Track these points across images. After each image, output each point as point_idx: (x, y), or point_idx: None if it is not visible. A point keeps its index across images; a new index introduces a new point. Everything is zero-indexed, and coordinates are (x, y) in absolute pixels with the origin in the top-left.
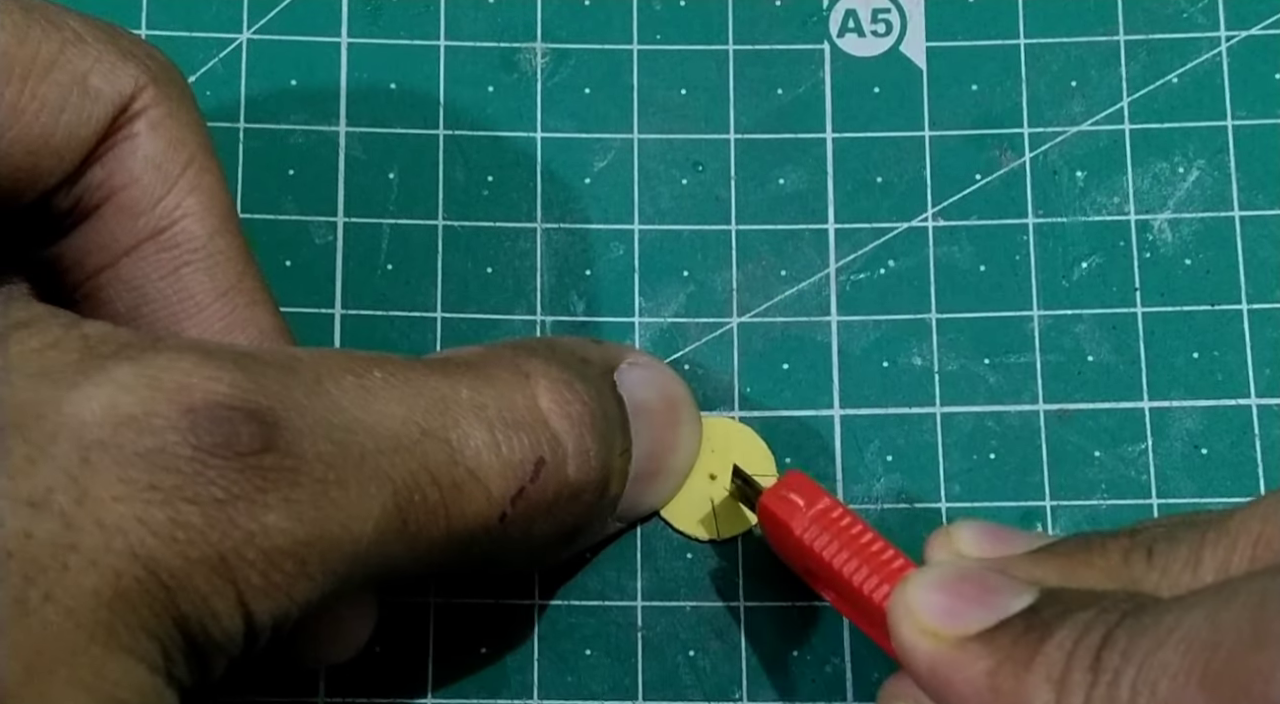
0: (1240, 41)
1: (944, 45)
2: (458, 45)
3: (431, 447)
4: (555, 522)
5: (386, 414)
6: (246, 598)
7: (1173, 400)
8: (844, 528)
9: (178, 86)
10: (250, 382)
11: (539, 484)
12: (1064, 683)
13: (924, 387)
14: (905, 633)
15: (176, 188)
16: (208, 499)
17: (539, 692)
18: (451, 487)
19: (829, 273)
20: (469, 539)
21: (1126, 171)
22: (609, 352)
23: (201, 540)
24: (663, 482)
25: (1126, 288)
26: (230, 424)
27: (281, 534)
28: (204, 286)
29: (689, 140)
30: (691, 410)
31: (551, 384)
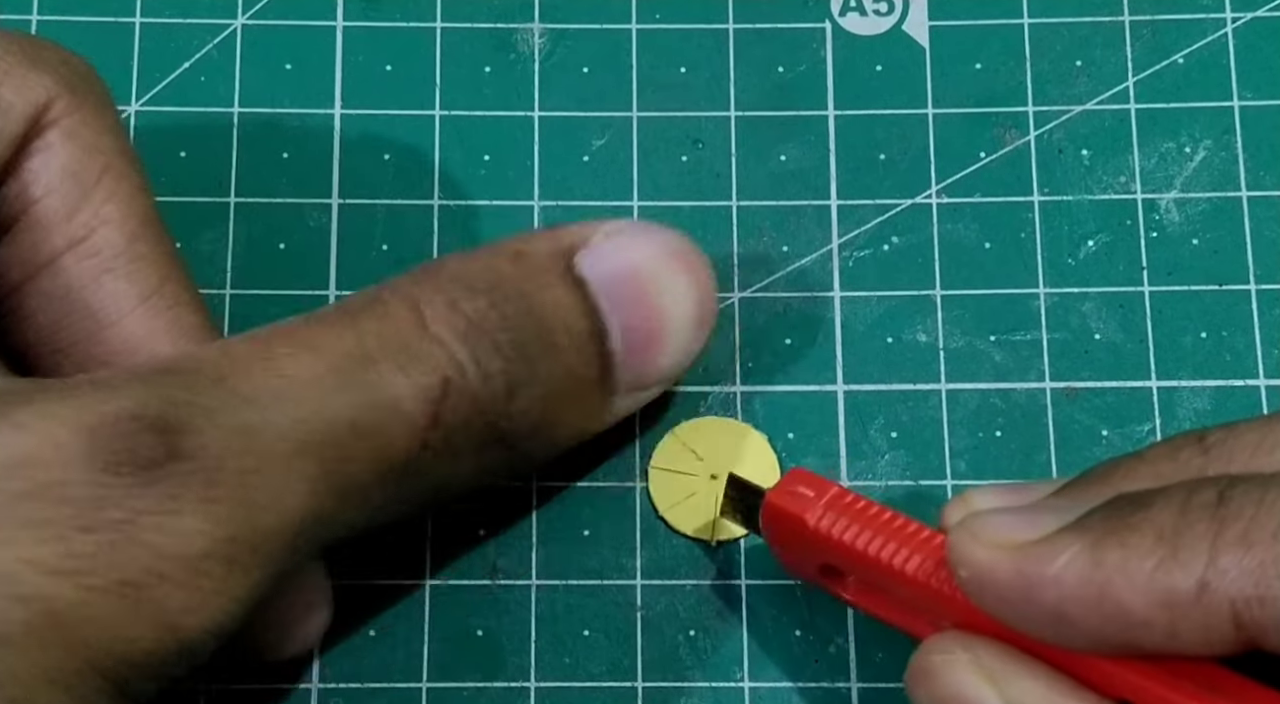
0: (1246, 23)
1: (947, 24)
2: (454, 27)
3: (347, 398)
4: (477, 434)
5: (299, 382)
6: (171, 616)
7: (1180, 380)
8: (860, 511)
9: (94, 92)
10: (152, 393)
11: (450, 403)
12: (1180, 536)
13: (928, 363)
14: (981, 555)
15: (94, 196)
16: (106, 524)
17: (536, 673)
18: (372, 430)
19: (832, 249)
20: (398, 474)
21: (1132, 151)
22: (565, 235)
23: (102, 568)
24: (666, 345)
25: (1133, 267)
26: (131, 438)
27: (201, 537)
28: (126, 293)
29: (689, 118)
30: (686, 261)
31: (435, 309)
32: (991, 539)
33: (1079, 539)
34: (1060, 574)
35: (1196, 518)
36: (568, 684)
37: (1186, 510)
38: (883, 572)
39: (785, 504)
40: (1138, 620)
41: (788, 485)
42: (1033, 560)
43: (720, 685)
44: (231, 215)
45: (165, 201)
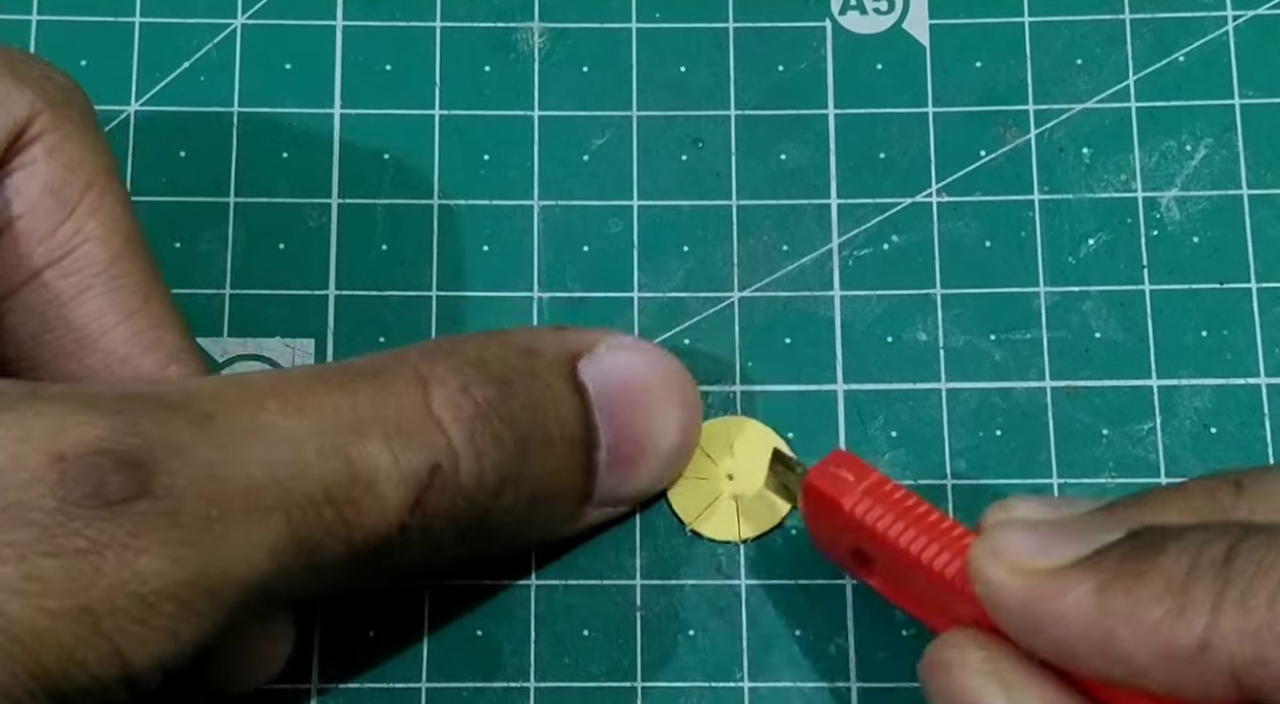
0: (1247, 21)
1: (947, 23)
2: (454, 26)
3: (327, 467)
4: (459, 525)
5: (281, 440)
6: (121, 647)
7: (1181, 379)
8: (897, 501)
9: (77, 108)
10: (128, 425)
11: (435, 491)
12: (1186, 591)
13: (929, 362)
14: (995, 575)
15: (76, 213)
16: (70, 550)
17: (536, 673)
18: (348, 503)
19: (832, 248)
20: (372, 550)
21: (1133, 149)
22: (573, 338)
23: (62, 592)
24: (647, 466)
25: (1134, 265)
26: (99, 472)
27: (158, 577)
28: (107, 311)
29: (689, 117)
30: (680, 390)
31: (444, 389)
32: (1009, 560)
33: (1090, 578)
34: (1068, 611)
35: (1203, 573)
36: (567, 684)
37: (1196, 565)
38: (911, 564)
39: (825, 486)
40: (1138, 669)
41: (829, 467)
42: (1044, 591)
43: (720, 685)
44: (231, 215)
45: (164, 201)
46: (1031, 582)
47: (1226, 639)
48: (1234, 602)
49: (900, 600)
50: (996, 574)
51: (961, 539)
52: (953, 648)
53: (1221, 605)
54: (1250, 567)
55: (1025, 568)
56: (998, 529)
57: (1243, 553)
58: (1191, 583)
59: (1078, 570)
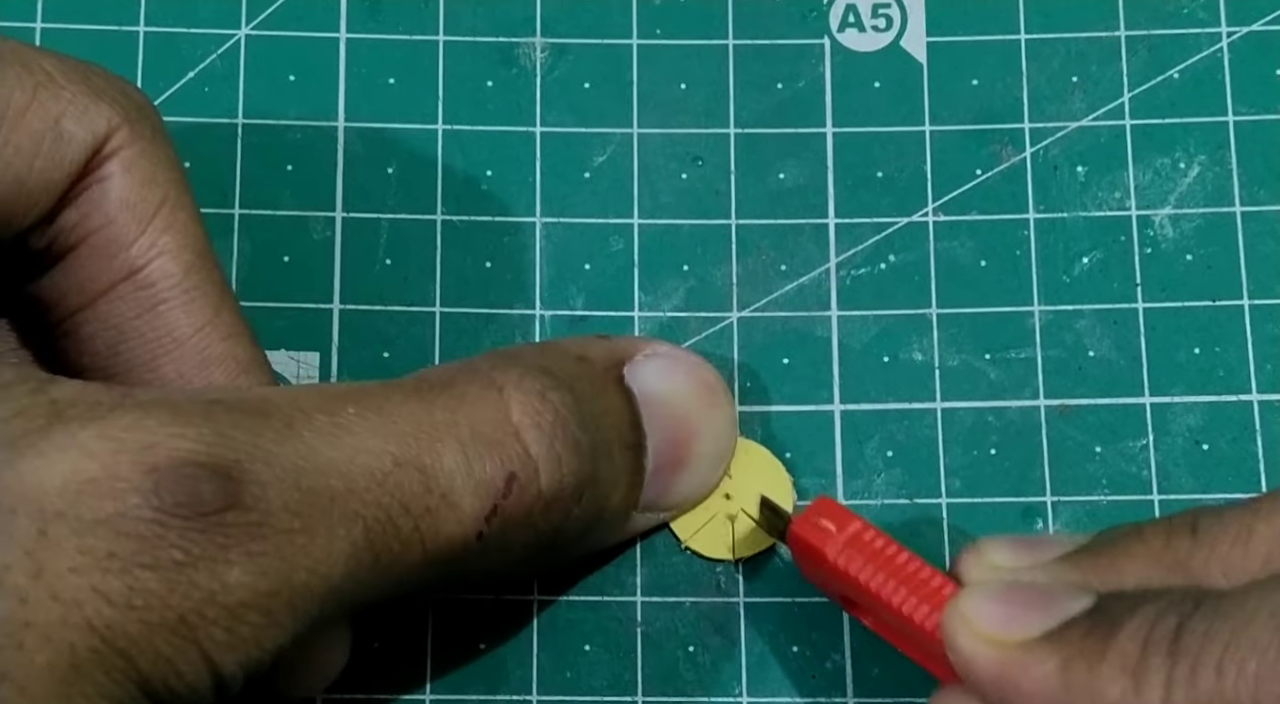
0: (1241, 37)
1: (944, 40)
2: (456, 40)
3: (404, 476)
4: (535, 532)
5: (359, 449)
6: (211, 654)
7: (1174, 396)
8: (879, 550)
9: (150, 123)
10: (216, 435)
11: (512, 499)
12: (1141, 669)
13: (924, 382)
14: (965, 644)
15: (151, 227)
16: (167, 562)
17: (538, 687)
18: (424, 513)
19: (829, 268)
20: (446, 560)
21: (1127, 167)
22: (618, 345)
23: (160, 605)
24: (692, 470)
25: (1127, 283)
26: (193, 482)
27: (245, 589)
28: (180, 323)
29: (689, 135)
30: (720, 395)
31: (523, 395)
32: (978, 631)
33: (1053, 655)
34: (1032, 687)
35: (1155, 650)
36: (569, 698)
37: (1149, 643)
38: (893, 616)
39: (808, 536)
40: None
41: (813, 516)
42: (1011, 666)
43: (719, 700)
44: (235, 227)
45: None
46: (1000, 656)
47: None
48: (1183, 677)
49: (892, 640)
50: (967, 644)
51: (941, 591)
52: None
53: (1173, 681)
54: (1196, 641)
55: (994, 639)
56: (968, 595)
57: (1189, 627)
58: (1145, 660)
59: (1043, 645)
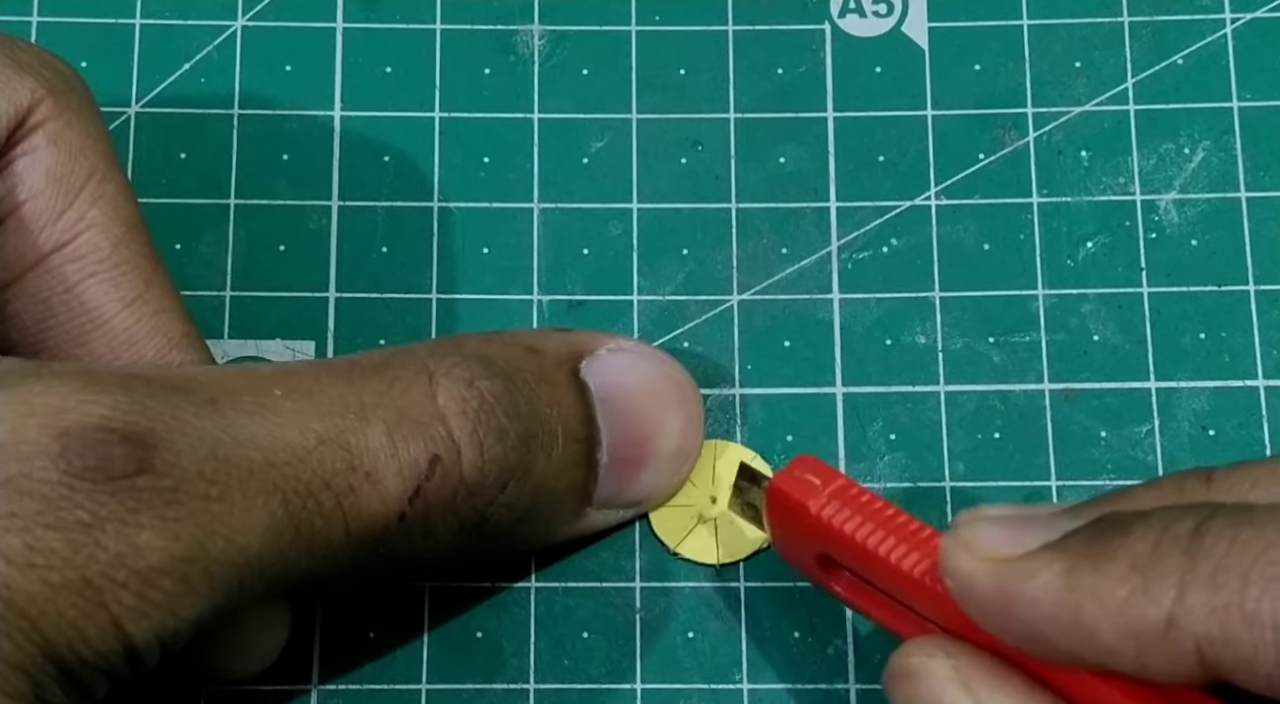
0: (1245, 24)
1: (946, 26)
2: (454, 29)
3: (327, 453)
4: (459, 517)
5: (281, 425)
6: (121, 620)
7: (1179, 381)
8: (864, 503)
9: (77, 95)
10: (132, 403)
11: (435, 482)
12: (1151, 566)
13: (927, 365)
14: (964, 564)
15: (79, 200)
16: (72, 523)
17: (536, 675)
18: (347, 490)
19: (830, 251)
20: (371, 540)
21: (1131, 152)
22: (576, 339)
23: (64, 565)
24: (651, 468)
25: (1132, 268)
26: (104, 446)
27: (156, 552)
28: (110, 297)
29: (688, 120)
30: (682, 393)
31: (451, 382)
32: (978, 550)
33: (1057, 560)
34: (1037, 594)
35: (1170, 550)
36: (567, 686)
37: (1162, 541)
38: (879, 567)
39: (790, 489)
40: (1106, 648)
41: (795, 470)
42: (1013, 577)
43: (719, 687)
44: (231, 217)
45: (165, 203)
46: (1001, 568)
47: (1193, 617)
48: (1202, 579)
49: (866, 606)
50: (966, 564)
51: (930, 540)
52: (918, 655)
53: (1188, 583)
54: (1221, 544)
55: (995, 556)
56: (967, 525)
57: (1212, 530)
58: (1157, 560)
59: (1046, 553)
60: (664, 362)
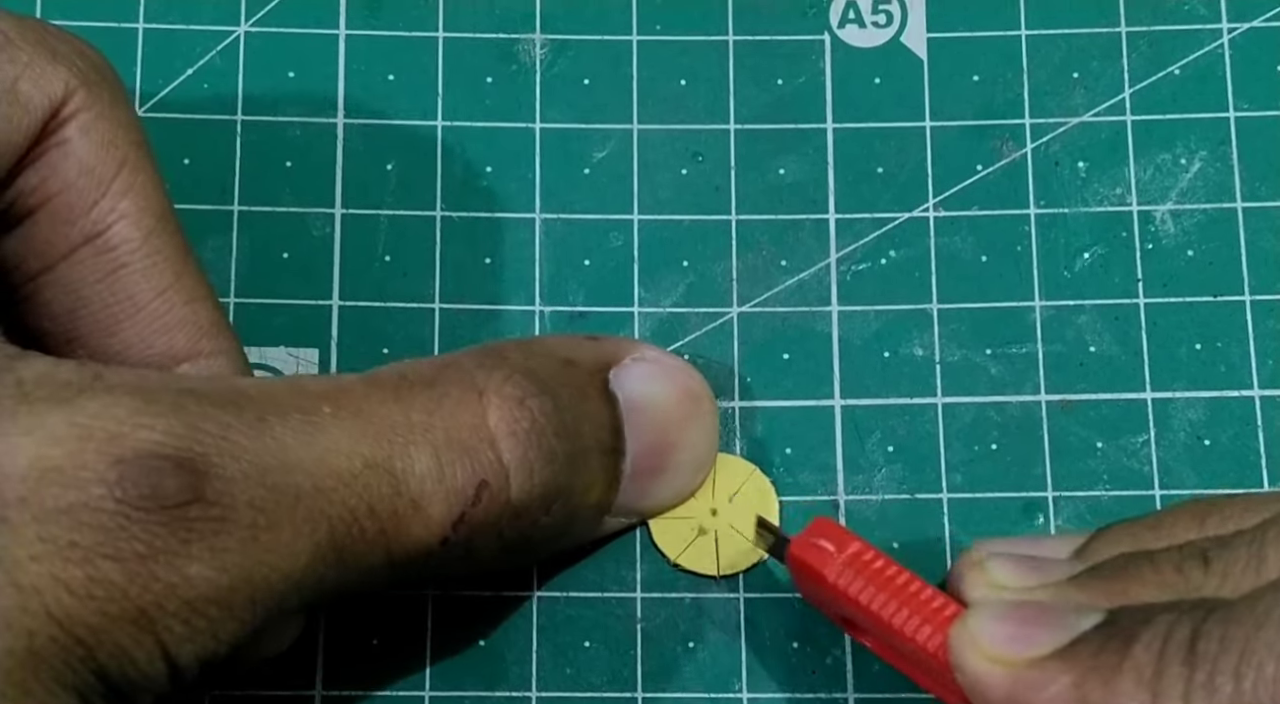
0: (1242, 34)
1: (945, 36)
2: (456, 37)
3: (373, 479)
4: (502, 540)
5: (330, 449)
6: (168, 645)
7: (1175, 391)
8: (879, 571)
9: (109, 86)
10: (185, 427)
11: (481, 508)
12: (1158, 680)
13: (925, 377)
14: (974, 664)
15: (111, 191)
16: (129, 554)
17: (537, 683)
18: (391, 517)
19: (829, 263)
20: (409, 563)
21: (1128, 163)
22: (606, 348)
23: (121, 596)
24: (669, 478)
25: (1129, 279)
26: (158, 475)
27: (206, 583)
28: (141, 287)
29: (689, 131)
30: (704, 405)
31: (503, 401)
32: (987, 652)
33: (1067, 672)
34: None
35: (1170, 661)
36: (569, 694)
37: (1164, 653)
38: (895, 637)
39: (807, 557)
40: None
41: (811, 536)
42: (1023, 686)
43: (719, 696)
44: (235, 224)
45: None
46: (1011, 675)
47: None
48: (1201, 685)
49: (892, 661)
50: (977, 664)
51: (943, 611)
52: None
53: (1191, 690)
54: (1213, 647)
55: (1003, 659)
56: (974, 614)
57: (1204, 634)
58: (1162, 672)
59: (1055, 662)
60: (685, 371)
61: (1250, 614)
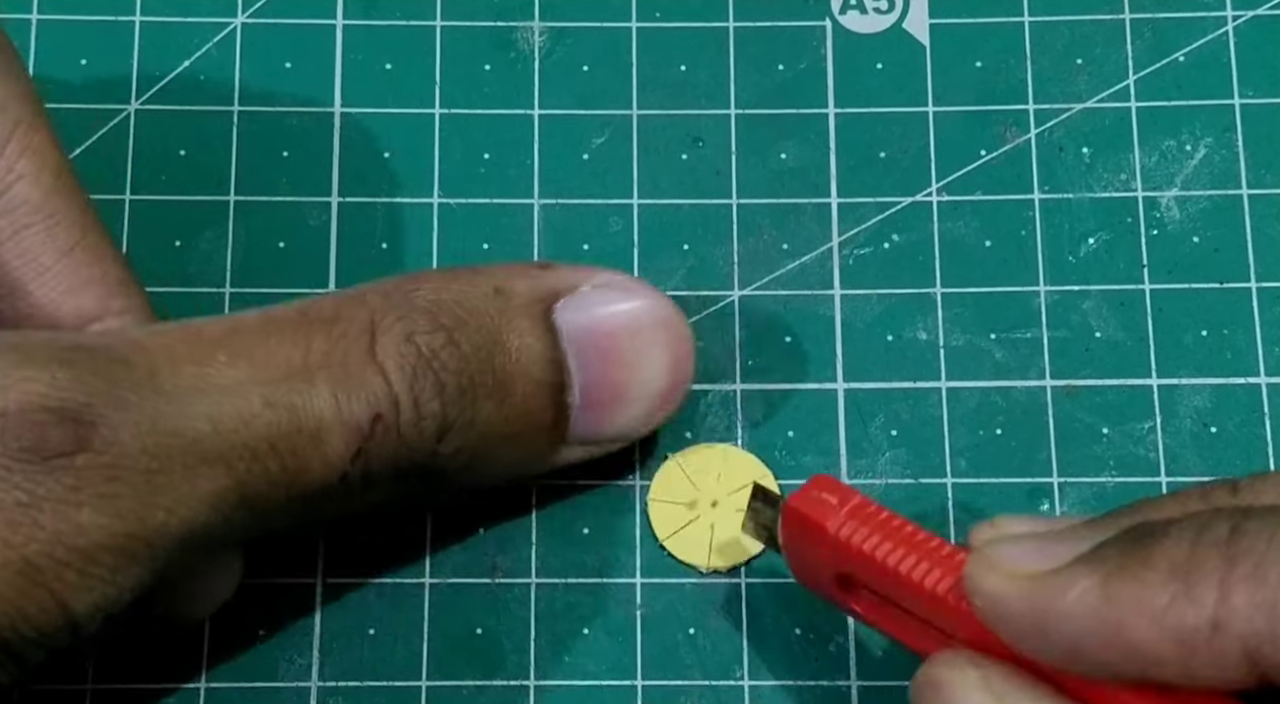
0: (1247, 21)
1: (947, 22)
2: (454, 25)
3: (272, 416)
4: (397, 470)
5: (226, 391)
6: (63, 596)
7: (1181, 378)
8: (883, 522)
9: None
10: (71, 380)
11: (376, 441)
12: (1192, 572)
13: (929, 361)
14: (994, 584)
15: (6, 151)
16: (10, 503)
17: (536, 672)
18: (291, 453)
19: (832, 247)
20: (313, 498)
21: (1133, 149)
22: (554, 277)
23: (3, 546)
24: (627, 408)
25: (1134, 265)
26: (42, 427)
27: (98, 530)
28: (46, 248)
29: (689, 116)
30: (669, 331)
31: (390, 338)
32: (1007, 569)
33: (1093, 572)
34: (1073, 608)
35: (1208, 553)
36: (568, 683)
37: (1198, 545)
38: (901, 584)
39: (808, 510)
40: (1150, 656)
41: (811, 491)
42: (1046, 593)
43: (720, 684)
44: (231, 214)
45: (165, 200)
46: (1033, 585)
47: (1238, 617)
48: (1244, 577)
49: (887, 626)
50: (995, 583)
51: (952, 557)
52: (946, 667)
53: (1230, 582)
54: (1260, 542)
55: (1024, 573)
56: (991, 544)
57: (1249, 530)
58: (1197, 563)
59: (1080, 566)
60: (650, 297)
61: None
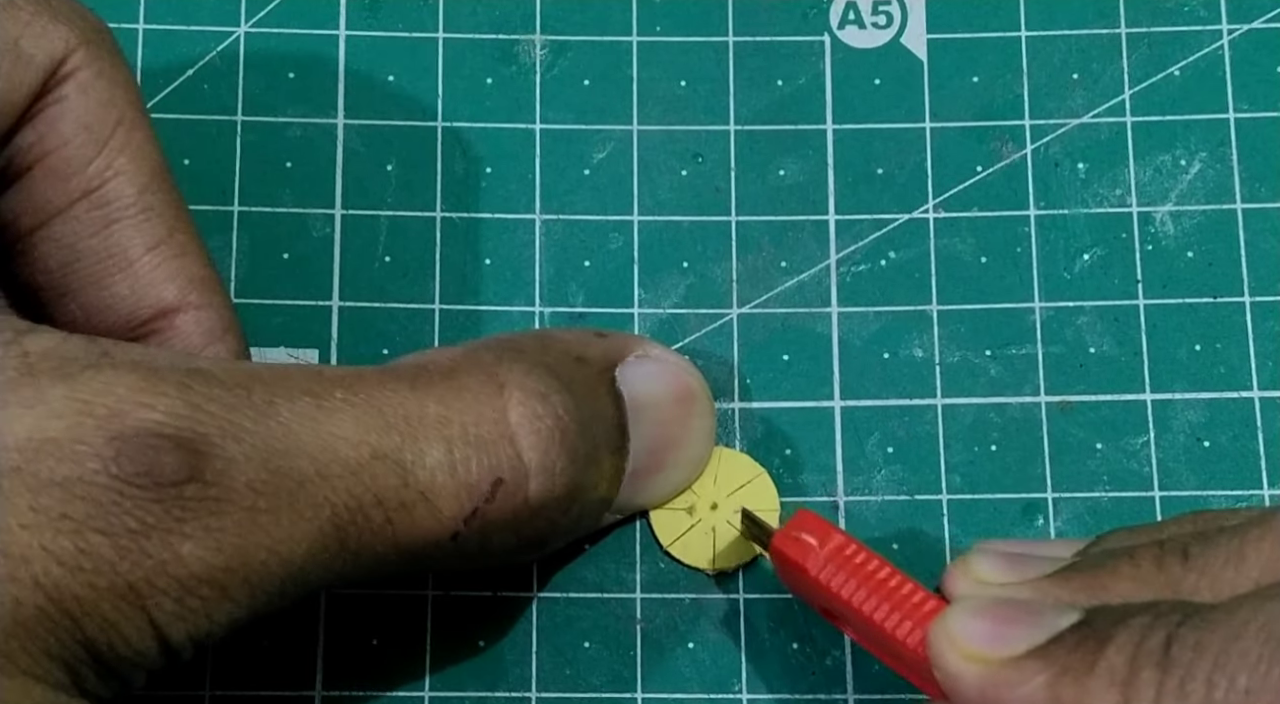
0: (1242, 35)
1: (945, 37)
2: (456, 38)
3: (380, 469)
4: (517, 536)
5: (336, 436)
6: (159, 623)
7: (1175, 393)
8: (860, 565)
9: (107, 46)
10: (188, 407)
11: (496, 504)
12: (1131, 683)
13: (925, 378)
14: (951, 662)
15: (107, 148)
16: (120, 529)
17: (537, 684)
18: (399, 508)
19: (829, 264)
20: (419, 554)
21: (1128, 164)
22: (613, 345)
23: (109, 570)
24: (666, 475)
25: (1128, 280)
26: (155, 453)
27: (198, 562)
28: (134, 242)
29: (689, 131)
30: (702, 403)
31: (525, 396)
32: (963, 650)
33: (1042, 671)
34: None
35: (1144, 664)
36: (568, 695)
37: (1138, 655)
38: (876, 632)
39: (789, 551)
40: None
41: (793, 530)
42: (997, 683)
43: (719, 697)
44: (235, 224)
45: None
46: (986, 671)
47: None
48: (1173, 691)
49: (873, 651)
50: (953, 662)
51: (923, 606)
52: None
53: (1163, 694)
54: (1186, 652)
55: (980, 656)
56: (952, 611)
57: (1179, 638)
58: (1135, 674)
59: (1030, 661)
60: (686, 369)
61: (1227, 622)
